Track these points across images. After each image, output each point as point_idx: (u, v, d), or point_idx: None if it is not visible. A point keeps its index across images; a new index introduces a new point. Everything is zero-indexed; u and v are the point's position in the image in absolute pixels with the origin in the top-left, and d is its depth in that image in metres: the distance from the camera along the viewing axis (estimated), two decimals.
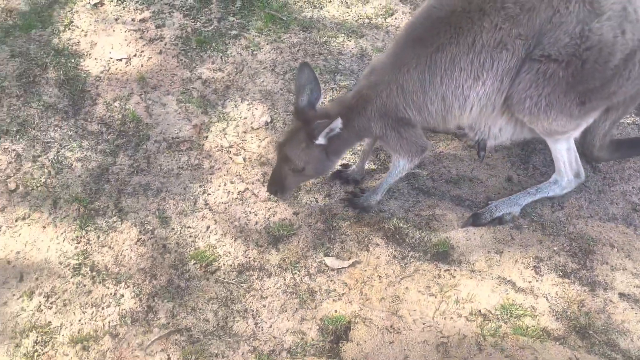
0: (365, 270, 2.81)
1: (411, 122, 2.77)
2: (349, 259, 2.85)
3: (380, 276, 2.79)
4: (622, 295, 2.74)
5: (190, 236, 2.92)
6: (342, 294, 2.73)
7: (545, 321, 2.64)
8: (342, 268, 2.82)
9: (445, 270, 2.81)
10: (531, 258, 2.85)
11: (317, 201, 3.07)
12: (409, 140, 2.81)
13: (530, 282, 2.77)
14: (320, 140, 2.66)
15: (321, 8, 4.00)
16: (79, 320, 2.62)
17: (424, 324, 2.64)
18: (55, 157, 3.20)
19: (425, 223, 2.99)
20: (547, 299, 2.71)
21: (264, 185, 3.11)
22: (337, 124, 2.64)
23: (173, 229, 2.94)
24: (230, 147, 3.29)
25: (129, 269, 2.79)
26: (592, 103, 2.65)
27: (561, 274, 2.80)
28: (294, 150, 2.73)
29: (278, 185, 2.82)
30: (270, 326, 2.62)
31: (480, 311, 2.67)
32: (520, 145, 3.30)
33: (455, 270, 2.82)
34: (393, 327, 2.62)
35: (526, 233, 2.95)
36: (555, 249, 2.89)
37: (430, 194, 3.08)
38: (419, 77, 2.67)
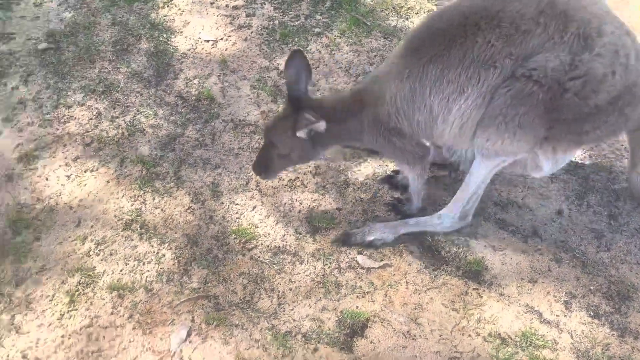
0: (394, 274, 2.86)
1: (403, 132, 2.79)
2: (381, 260, 2.91)
3: (407, 282, 2.83)
4: None
5: (237, 212, 3.07)
6: (367, 292, 2.79)
7: (565, 357, 2.59)
8: (372, 268, 2.88)
9: (473, 289, 2.82)
10: (564, 293, 2.80)
11: (361, 200, 3.15)
12: (404, 149, 2.83)
13: (557, 315, 2.73)
14: (301, 134, 2.71)
15: (407, 18, 4.08)
16: (120, 270, 2.82)
17: (440, 335, 2.66)
18: (131, 121, 3.46)
19: (464, 240, 3.00)
20: (572, 336, 2.66)
21: (314, 177, 3.23)
22: (321, 126, 2.69)
23: (222, 203, 3.11)
24: None
25: (175, 233, 2.98)
26: (558, 132, 2.60)
27: (592, 314, 2.74)
28: (279, 136, 2.80)
29: (262, 167, 2.90)
30: (292, 309, 2.73)
31: (499, 334, 2.66)
32: (579, 180, 3.23)
33: (483, 290, 2.81)
34: (409, 332, 2.66)
35: (565, 267, 2.90)
36: (591, 288, 2.82)
37: (476, 213, 3.08)
38: (410, 87, 2.68)
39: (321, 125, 2.70)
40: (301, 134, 2.72)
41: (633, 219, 3.09)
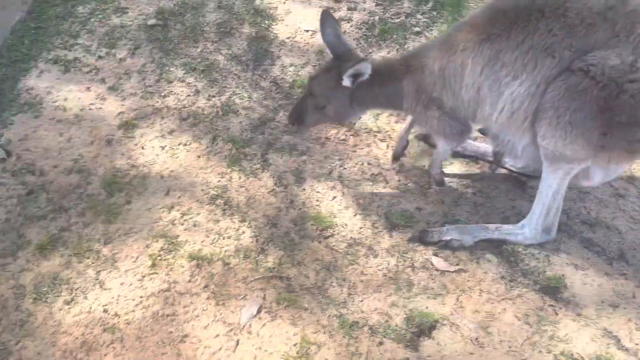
0: (468, 280, 2.82)
1: (443, 105, 2.77)
2: (456, 265, 2.87)
3: (481, 290, 2.79)
4: None
5: (317, 200, 3.12)
6: (439, 295, 2.77)
7: None
8: (446, 271, 2.85)
9: (549, 305, 2.74)
10: None
11: (442, 202, 3.12)
12: (441, 121, 2.82)
13: (637, 344, 2.60)
14: (346, 81, 2.75)
15: None
16: (202, 242, 2.93)
17: (510, 347, 2.60)
18: (226, 101, 3.58)
19: (545, 255, 2.91)
20: None
21: (397, 175, 3.23)
22: (366, 67, 2.73)
23: (304, 189, 3.16)
24: (378, 132, 3.44)
25: (256, 212, 3.06)
26: (613, 139, 2.49)
27: None
28: (321, 86, 2.87)
29: (297, 118, 2.98)
30: (362, 300, 2.74)
31: (572, 354, 2.57)
32: None
33: (560, 308, 2.73)
34: (478, 340, 2.62)
35: None
36: None
37: (561, 230, 2.99)
38: (462, 61, 2.65)
39: (366, 68, 2.74)
40: (346, 81, 2.78)
41: None
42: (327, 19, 2.91)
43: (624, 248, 2.95)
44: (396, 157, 3.25)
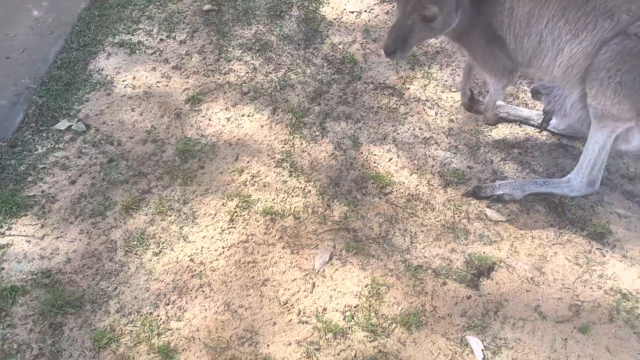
0: (520, 228, 3.06)
1: (505, 44, 2.96)
2: (508, 215, 3.12)
3: (533, 237, 3.03)
4: None
5: (374, 162, 3.38)
6: (494, 241, 3.01)
7: None
8: (499, 221, 3.10)
9: (597, 249, 2.97)
10: None
11: (492, 161, 3.36)
12: (498, 58, 3.01)
13: None
14: None
15: None
16: (272, 200, 3.19)
17: (563, 284, 2.84)
18: (283, 77, 3.84)
19: (590, 206, 3.15)
20: None
21: (447, 137, 3.48)
22: None
23: (362, 152, 3.42)
24: (427, 100, 3.69)
25: (319, 174, 3.32)
26: None
27: None
28: None
29: (400, 42, 2.86)
30: (424, 247, 2.99)
31: (621, 290, 2.81)
32: None
33: (607, 251, 2.96)
34: (533, 279, 2.86)
35: None
36: None
37: (603, 183, 3.22)
38: (530, 10, 2.84)
39: None
40: None
41: None
42: None
43: None
44: (468, 109, 3.56)
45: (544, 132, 3.50)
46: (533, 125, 3.50)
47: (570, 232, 3.04)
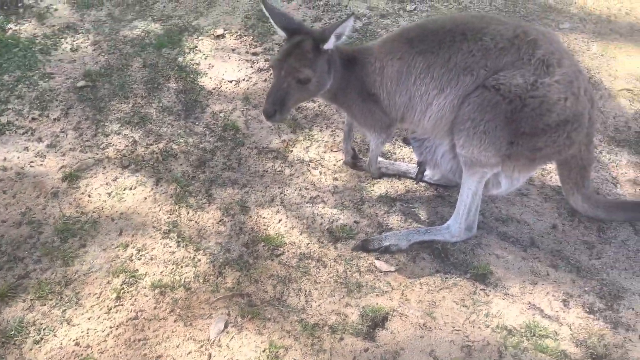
0: (408, 277, 3.16)
1: (379, 101, 3.19)
2: (397, 265, 3.22)
3: (421, 283, 3.13)
4: None
5: (264, 225, 3.39)
6: (385, 292, 3.08)
7: (565, 345, 2.88)
8: (388, 271, 3.19)
9: (481, 289, 3.12)
10: (562, 292, 3.11)
11: (376, 215, 3.48)
12: (374, 115, 3.22)
13: (557, 312, 3.02)
14: (330, 42, 2.94)
15: None
16: (161, 272, 3.10)
17: (453, 327, 2.94)
18: (164, 148, 3.81)
19: (471, 249, 3.32)
20: (570, 328, 2.95)
21: (333, 195, 3.57)
22: (351, 22, 2.91)
23: (250, 216, 3.43)
24: (310, 161, 3.79)
25: (208, 242, 3.27)
26: (518, 147, 2.99)
27: (588, 310, 3.04)
28: (302, 59, 2.95)
29: (278, 105, 2.97)
30: (319, 305, 3.01)
31: (506, 326, 2.95)
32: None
33: (490, 290, 3.12)
34: (425, 325, 2.94)
35: (562, 272, 3.22)
36: (586, 289, 3.14)
37: (479, 227, 3.41)
38: (399, 68, 3.10)
39: (351, 23, 2.92)
40: (330, 42, 2.96)
41: (620, 232, 3.44)
42: (268, 7, 3.07)
43: (534, 237, 3.41)
44: (352, 166, 3.71)
45: (422, 184, 3.68)
46: (411, 178, 3.68)
47: (455, 275, 3.18)
